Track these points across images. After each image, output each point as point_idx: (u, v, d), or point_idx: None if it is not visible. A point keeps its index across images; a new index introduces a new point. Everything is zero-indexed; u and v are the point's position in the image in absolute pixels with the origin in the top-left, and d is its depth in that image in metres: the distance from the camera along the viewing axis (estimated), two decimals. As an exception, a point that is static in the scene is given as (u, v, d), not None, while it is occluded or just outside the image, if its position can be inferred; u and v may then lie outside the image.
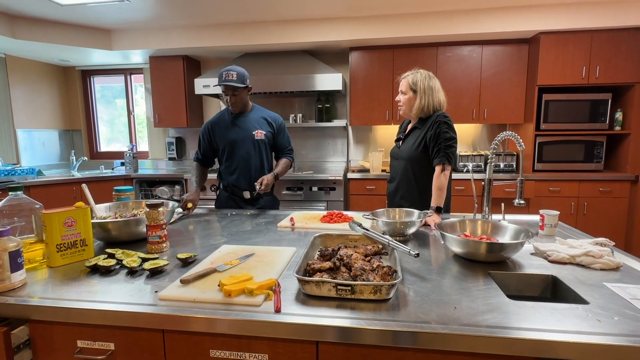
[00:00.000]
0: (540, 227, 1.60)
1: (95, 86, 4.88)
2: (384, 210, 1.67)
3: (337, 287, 0.96)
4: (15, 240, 1.08)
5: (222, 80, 2.16)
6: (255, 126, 2.30)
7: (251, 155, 2.27)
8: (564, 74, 3.44)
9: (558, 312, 0.90)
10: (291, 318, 0.89)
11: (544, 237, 1.55)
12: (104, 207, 1.72)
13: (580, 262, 1.21)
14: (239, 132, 2.28)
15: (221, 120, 2.32)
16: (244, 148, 2.27)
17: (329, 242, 1.37)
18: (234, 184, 2.29)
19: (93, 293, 1.05)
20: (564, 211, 3.49)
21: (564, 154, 3.58)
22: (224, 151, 2.30)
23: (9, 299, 1.02)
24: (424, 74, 1.94)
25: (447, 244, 1.31)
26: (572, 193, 3.48)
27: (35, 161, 4.35)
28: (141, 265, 1.19)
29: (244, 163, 2.27)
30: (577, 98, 3.50)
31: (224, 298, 0.97)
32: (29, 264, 1.24)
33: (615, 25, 3.29)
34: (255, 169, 2.29)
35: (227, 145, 2.28)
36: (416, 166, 1.93)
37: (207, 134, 2.33)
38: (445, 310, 0.92)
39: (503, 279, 1.15)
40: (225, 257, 1.28)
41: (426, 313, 0.91)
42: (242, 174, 2.28)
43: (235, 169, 2.28)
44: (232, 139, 2.27)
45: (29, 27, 3.55)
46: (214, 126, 2.32)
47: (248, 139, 2.28)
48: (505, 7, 3.35)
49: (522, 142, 1.58)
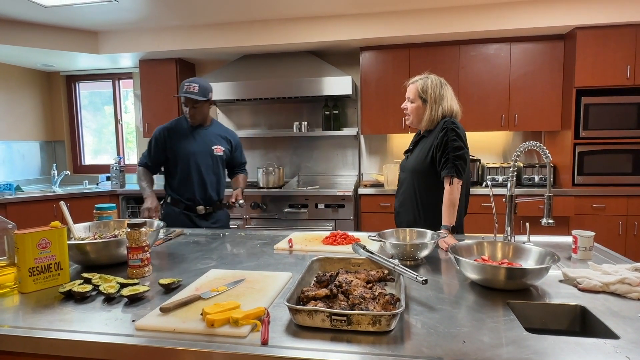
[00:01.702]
0: (573, 250, 1.60)
1: (82, 92, 5.07)
2: (393, 230, 1.69)
3: (332, 317, 0.98)
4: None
5: (183, 92, 2.37)
6: (214, 141, 2.54)
7: (209, 170, 2.50)
8: (605, 74, 3.44)
9: (582, 347, 0.90)
10: (279, 351, 0.91)
11: (577, 262, 1.55)
12: (83, 226, 1.78)
13: (615, 291, 1.21)
14: (198, 145, 2.48)
15: (179, 129, 2.50)
16: (202, 162, 2.47)
17: (329, 267, 1.39)
18: (189, 198, 2.46)
19: (66, 322, 1.09)
20: (611, 232, 3.44)
21: (609, 166, 3.54)
22: (179, 162, 2.45)
23: (-25, 328, 1.06)
24: (435, 81, 1.97)
25: (462, 269, 1.32)
26: (619, 211, 3.43)
27: (13, 175, 4.50)
28: (119, 292, 1.23)
29: (201, 177, 2.48)
30: (621, 101, 3.48)
31: (206, 328, 0.99)
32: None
33: (663, 18, 3.29)
34: (211, 184, 2.51)
35: (185, 156, 2.45)
36: (420, 180, 1.95)
37: (162, 140, 2.47)
38: (453, 345, 0.93)
39: (524, 310, 1.15)
40: (212, 283, 1.32)
41: (431, 347, 0.92)
42: (198, 189, 2.48)
43: (191, 183, 2.46)
44: (192, 151, 2.46)
45: (9, 30, 3.72)
46: (171, 133, 2.48)
47: (207, 153, 2.50)
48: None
49: (550, 153, 1.58)
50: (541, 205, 3.46)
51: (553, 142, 3.92)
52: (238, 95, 3.91)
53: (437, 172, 1.89)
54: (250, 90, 3.88)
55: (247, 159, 4.49)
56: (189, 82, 2.39)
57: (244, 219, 3.82)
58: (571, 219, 3.48)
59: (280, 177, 4.03)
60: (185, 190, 2.47)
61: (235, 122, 4.59)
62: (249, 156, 4.54)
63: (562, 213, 3.43)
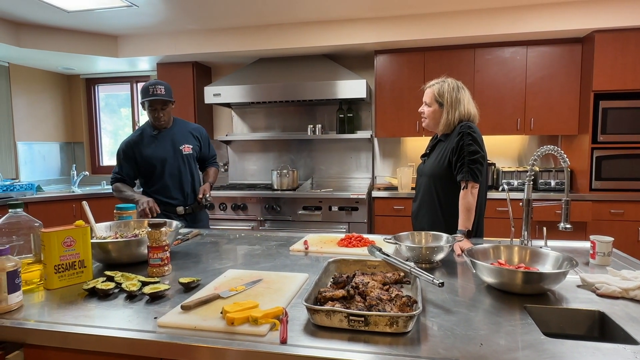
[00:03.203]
0: (591, 255, 1.58)
1: (100, 95, 5.18)
2: (408, 233, 1.69)
3: (349, 318, 0.99)
4: (13, 260, 1.18)
5: (150, 95, 2.39)
6: (181, 141, 2.58)
7: (182, 171, 2.56)
8: (625, 77, 3.39)
9: (600, 352, 0.90)
10: (298, 350, 0.93)
11: (595, 267, 1.53)
12: (104, 226, 1.82)
13: (635, 297, 1.20)
14: (166, 148, 2.52)
15: (143, 138, 2.52)
16: (174, 164, 2.52)
17: (345, 268, 1.41)
18: (167, 201, 2.52)
19: (90, 318, 1.12)
20: (629, 238, 3.38)
21: (628, 170, 3.48)
22: (152, 170, 2.49)
23: (4, 322, 1.11)
24: (452, 84, 1.97)
25: (478, 273, 1.32)
26: (638, 216, 3.37)
27: (34, 176, 4.62)
28: (141, 290, 1.27)
29: (175, 179, 2.55)
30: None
31: (227, 326, 1.02)
32: (26, 286, 1.34)
33: (684, 21, 3.24)
34: (187, 183, 2.58)
35: (156, 163, 2.48)
36: (439, 184, 1.95)
37: (131, 153, 2.50)
38: (470, 347, 0.93)
39: (541, 314, 1.15)
40: (230, 283, 1.34)
41: (448, 349, 0.93)
42: (175, 191, 2.54)
43: (167, 187, 2.50)
44: (161, 157, 2.49)
45: (33, 34, 3.84)
46: (137, 146, 2.50)
47: (177, 154, 2.55)
48: (553, 2, 3.36)
49: (567, 158, 1.58)
50: (557, 210, 3.43)
51: (570, 146, 3.87)
52: (253, 98, 3.96)
53: (455, 176, 1.90)
54: (265, 93, 3.93)
55: (261, 161, 4.61)
56: (153, 85, 2.41)
57: (258, 220, 3.86)
58: (588, 224, 3.43)
59: (294, 180, 4.06)
60: (163, 194, 2.52)
61: (249, 124, 4.64)
62: (263, 158, 4.62)
63: (579, 218, 3.39)
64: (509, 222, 3.46)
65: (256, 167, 4.66)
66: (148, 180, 2.55)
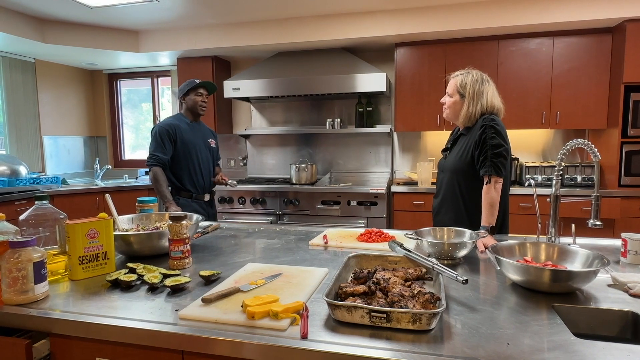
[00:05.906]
0: (623, 253, 1.52)
1: (122, 90, 5.27)
2: (430, 229, 1.66)
3: (371, 314, 0.98)
4: (39, 250, 1.20)
5: (202, 82, 2.66)
6: (207, 135, 2.89)
7: (209, 161, 2.85)
8: (658, 69, 3.25)
9: (635, 355, 0.86)
10: (318, 345, 0.92)
11: (627, 266, 1.48)
12: (126, 218, 1.85)
13: (670, 298, 1.14)
14: (200, 138, 2.79)
15: (181, 124, 2.71)
16: (204, 153, 2.81)
17: (365, 264, 1.39)
18: (197, 187, 2.75)
19: (113, 309, 1.14)
20: (660, 236, 3.25)
21: (659, 166, 3.35)
22: (187, 155, 2.67)
23: (31, 311, 1.13)
24: (476, 76, 1.92)
25: (504, 270, 1.28)
26: (670, 214, 3.24)
27: (59, 169, 4.74)
28: (162, 282, 1.28)
29: (205, 167, 2.80)
30: (675, 98, 3.28)
31: (247, 320, 1.02)
32: (52, 276, 1.37)
33: None
34: (209, 174, 2.86)
35: (192, 148, 2.69)
36: (462, 179, 1.91)
37: (172, 135, 2.64)
38: (496, 346, 0.91)
39: (570, 314, 1.11)
40: (250, 277, 1.34)
41: (473, 348, 0.90)
42: (205, 178, 2.80)
43: (196, 173, 2.75)
44: (198, 143, 2.73)
45: (58, 30, 3.92)
46: (177, 128, 2.67)
47: (206, 145, 2.84)
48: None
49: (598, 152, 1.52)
50: (584, 206, 3.32)
51: (597, 140, 3.74)
52: (272, 92, 3.95)
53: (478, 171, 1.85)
54: (283, 87, 3.92)
55: (280, 156, 4.61)
56: (199, 80, 2.71)
57: (276, 214, 3.87)
58: (616, 222, 3.32)
59: (313, 174, 4.05)
60: (195, 180, 2.74)
61: (268, 118, 4.65)
62: (281, 152, 4.62)
63: (607, 215, 3.28)
64: (531, 218, 3.39)
65: (274, 161, 4.67)
66: (179, 164, 2.68)
